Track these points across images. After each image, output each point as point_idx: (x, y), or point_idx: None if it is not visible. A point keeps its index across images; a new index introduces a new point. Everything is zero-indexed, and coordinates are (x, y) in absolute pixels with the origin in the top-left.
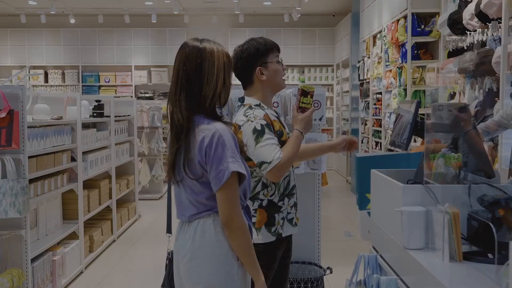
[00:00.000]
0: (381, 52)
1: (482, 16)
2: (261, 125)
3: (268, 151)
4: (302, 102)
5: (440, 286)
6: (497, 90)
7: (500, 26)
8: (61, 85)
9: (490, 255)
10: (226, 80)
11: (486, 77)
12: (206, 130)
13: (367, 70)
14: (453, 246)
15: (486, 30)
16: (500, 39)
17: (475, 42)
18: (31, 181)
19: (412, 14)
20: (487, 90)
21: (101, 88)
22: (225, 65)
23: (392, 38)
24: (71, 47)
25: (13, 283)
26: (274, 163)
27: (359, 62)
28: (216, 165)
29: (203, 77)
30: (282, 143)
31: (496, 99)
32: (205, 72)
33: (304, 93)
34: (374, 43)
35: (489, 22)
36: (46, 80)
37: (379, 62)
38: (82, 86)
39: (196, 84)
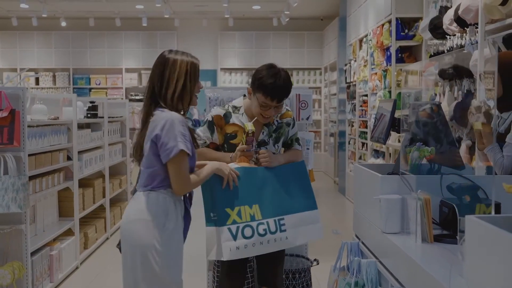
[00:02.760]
0: (367, 55)
1: (460, 22)
2: (207, 119)
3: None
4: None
5: (413, 264)
6: (475, 91)
7: (477, 31)
8: (52, 88)
9: (458, 237)
10: (187, 84)
11: (465, 79)
12: (162, 117)
13: (354, 73)
14: (425, 229)
15: (464, 34)
16: (477, 43)
17: (454, 46)
18: (30, 178)
19: (396, 19)
20: (465, 91)
21: (92, 90)
22: (187, 73)
23: (377, 42)
24: (62, 49)
25: (14, 275)
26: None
27: (346, 65)
28: (165, 144)
29: (163, 81)
30: (232, 146)
31: (473, 100)
32: (165, 78)
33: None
34: (360, 47)
35: (467, 27)
36: (37, 83)
37: (365, 65)
38: (73, 88)
39: (158, 86)
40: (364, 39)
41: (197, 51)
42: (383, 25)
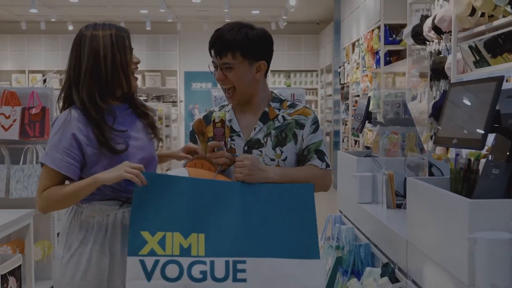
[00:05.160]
0: (359, 58)
1: (437, 29)
2: (190, 131)
3: None
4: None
5: (379, 223)
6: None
7: (451, 37)
8: (58, 89)
9: None
10: (117, 60)
11: (442, 80)
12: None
13: (347, 75)
14: (389, 198)
15: (441, 40)
16: (451, 48)
17: (433, 51)
18: None
19: (385, 25)
20: (442, 91)
21: None
22: (113, 46)
23: (368, 46)
24: (69, 52)
25: (44, 252)
26: None
27: (340, 67)
28: None
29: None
30: None
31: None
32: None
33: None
34: (353, 50)
35: (443, 34)
36: (44, 83)
37: (357, 68)
38: None
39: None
40: (356, 43)
41: (198, 53)
42: (373, 30)
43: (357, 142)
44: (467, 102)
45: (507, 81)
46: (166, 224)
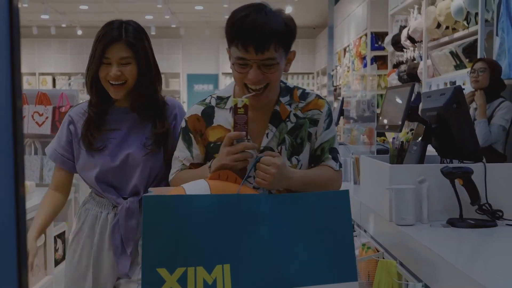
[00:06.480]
0: (349, 62)
1: (412, 39)
2: (182, 127)
3: (173, 164)
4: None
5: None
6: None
7: (422, 46)
8: (67, 90)
9: None
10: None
11: (416, 82)
12: None
13: (339, 77)
14: (355, 176)
15: (415, 48)
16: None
17: (409, 58)
18: None
19: (371, 32)
20: (416, 93)
21: None
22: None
23: (356, 52)
24: (77, 56)
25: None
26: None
27: (333, 70)
28: None
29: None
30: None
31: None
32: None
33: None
34: (344, 55)
35: (416, 43)
36: (54, 85)
37: (348, 71)
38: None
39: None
40: (347, 48)
41: (199, 57)
42: (360, 37)
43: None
44: (395, 101)
45: (464, 84)
46: (186, 257)
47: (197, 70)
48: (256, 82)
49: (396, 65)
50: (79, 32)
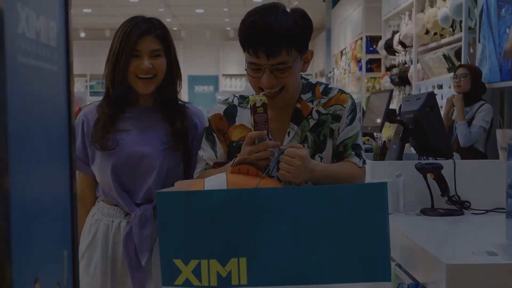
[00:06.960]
0: (345, 65)
1: (403, 44)
2: (205, 126)
3: (198, 163)
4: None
5: None
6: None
7: (413, 51)
8: (76, 92)
9: None
10: (115, 49)
11: (407, 85)
12: None
13: (336, 79)
14: None
15: (406, 53)
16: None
17: (401, 61)
18: None
19: (366, 36)
20: (407, 94)
21: None
22: (117, 35)
23: (352, 55)
24: (80, 57)
25: None
26: None
27: (330, 72)
28: None
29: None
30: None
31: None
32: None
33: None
34: (341, 57)
35: (407, 48)
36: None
37: (344, 73)
38: (90, 92)
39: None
40: (344, 51)
41: (200, 59)
42: (356, 41)
43: None
44: (377, 104)
45: (450, 87)
46: (200, 250)
47: (197, 71)
48: (269, 86)
49: (389, 68)
50: (82, 35)
